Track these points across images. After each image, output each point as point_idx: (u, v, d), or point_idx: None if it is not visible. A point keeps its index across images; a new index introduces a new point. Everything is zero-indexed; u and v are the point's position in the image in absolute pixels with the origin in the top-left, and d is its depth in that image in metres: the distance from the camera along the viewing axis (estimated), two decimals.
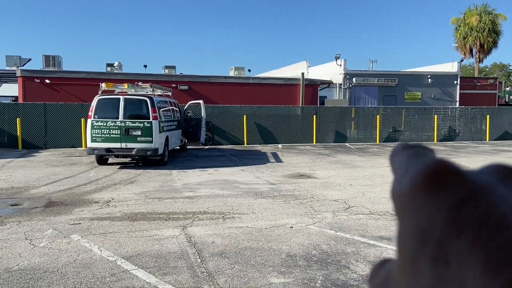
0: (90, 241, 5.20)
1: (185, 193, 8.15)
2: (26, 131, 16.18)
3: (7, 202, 7.35)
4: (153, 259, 4.59)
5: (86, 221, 6.12)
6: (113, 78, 18.22)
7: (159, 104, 11.90)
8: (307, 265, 4.43)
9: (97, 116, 11.06)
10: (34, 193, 8.11)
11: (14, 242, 5.14)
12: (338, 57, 24.78)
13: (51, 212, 6.62)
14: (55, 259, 4.59)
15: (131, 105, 11.37)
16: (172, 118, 13.33)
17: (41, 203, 7.28)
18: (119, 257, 4.63)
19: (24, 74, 18.71)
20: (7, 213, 6.66)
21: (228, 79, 22.39)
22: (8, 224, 5.97)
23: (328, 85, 24.54)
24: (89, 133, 11.09)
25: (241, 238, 5.34)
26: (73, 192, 8.15)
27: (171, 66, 26.98)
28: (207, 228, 5.78)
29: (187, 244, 5.11)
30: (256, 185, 9.06)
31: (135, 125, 11.15)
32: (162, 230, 5.69)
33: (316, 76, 25.39)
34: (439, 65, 27.96)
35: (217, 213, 6.60)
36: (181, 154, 14.67)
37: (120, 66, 25.87)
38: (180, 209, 6.88)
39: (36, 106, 16.50)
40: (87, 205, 7.13)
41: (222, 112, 18.58)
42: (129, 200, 7.48)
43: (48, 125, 16.47)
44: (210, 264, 4.46)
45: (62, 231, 5.60)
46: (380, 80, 24.81)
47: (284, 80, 22.65)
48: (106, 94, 11.61)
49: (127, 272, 4.23)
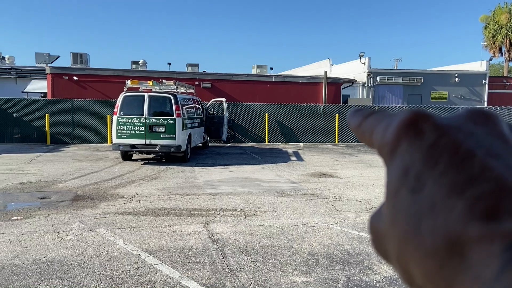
0: (115, 235, 5.32)
1: (207, 190, 8.23)
2: (54, 127, 16.64)
3: (36, 195, 7.59)
4: (176, 254, 4.65)
5: (111, 215, 6.26)
6: (138, 76, 18.53)
7: (182, 101, 12.04)
8: (329, 265, 4.41)
9: (122, 113, 11.27)
10: (62, 187, 8.34)
11: (42, 235, 5.31)
12: (362, 55, 24.46)
13: (78, 206, 6.80)
14: (82, 251, 4.72)
15: (155, 102, 11.54)
16: (195, 116, 13.46)
17: (68, 197, 7.49)
18: (143, 252, 4.72)
19: (53, 71, 19.23)
20: (36, 206, 6.88)
21: (251, 77, 22.42)
22: (36, 216, 6.16)
23: (351, 84, 24.26)
24: (115, 129, 11.32)
25: (262, 236, 5.35)
26: (98, 187, 8.35)
27: (194, 64, 27.24)
28: (228, 225, 5.82)
29: (209, 240, 5.16)
30: (277, 183, 9.06)
31: (159, 122, 11.32)
32: (185, 226, 5.77)
33: (339, 74, 25.13)
34: (467, 64, 27.24)
35: (239, 211, 6.63)
36: (203, 151, 14.80)
37: (145, 63, 26.28)
38: (202, 205, 6.95)
39: (64, 102, 16.95)
40: (112, 199, 7.29)
41: (244, 110, 18.63)
42: (153, 196, 7.60)
43: (75, 121, 16.89)
44: (231, 261, 4.49)
45: (88, 225, 5.74)
46: (405, 79, 24.36)
47: (307, 78, 22.51)
48: (131, 91, 11.81)
49: (150, 267, 4.31)
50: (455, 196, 0.20)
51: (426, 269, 0.20)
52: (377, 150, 0.25)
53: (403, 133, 0.23)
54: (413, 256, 0.21)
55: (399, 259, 0.22)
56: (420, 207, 0.21)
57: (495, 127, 0.23)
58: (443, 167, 0.21)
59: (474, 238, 0.19)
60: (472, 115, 0.24)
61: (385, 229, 0.23)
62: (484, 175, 0.20)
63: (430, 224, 0.20)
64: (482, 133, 0.22)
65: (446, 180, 0.20)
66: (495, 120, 0.24)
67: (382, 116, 0.26)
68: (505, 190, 0.19)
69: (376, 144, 0.25)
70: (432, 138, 0.22)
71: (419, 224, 0.20)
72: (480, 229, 0.19)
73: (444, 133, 0.22)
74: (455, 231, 0.19)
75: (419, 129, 0.23)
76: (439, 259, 0.20)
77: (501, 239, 0.18)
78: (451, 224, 0.19)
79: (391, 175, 0.23)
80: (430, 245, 0.20)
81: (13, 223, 5.82)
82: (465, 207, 0.19)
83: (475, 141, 0.22)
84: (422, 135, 0.22)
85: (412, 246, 0.21)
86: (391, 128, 0.24)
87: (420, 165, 0.22)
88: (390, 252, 0.23)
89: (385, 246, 0.23)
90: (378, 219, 0.24)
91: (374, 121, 0.26)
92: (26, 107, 16.66)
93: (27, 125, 16.58)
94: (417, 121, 0.23)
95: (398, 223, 0.22)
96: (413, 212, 0.21)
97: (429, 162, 0.21)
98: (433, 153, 0.21)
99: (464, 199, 0.20)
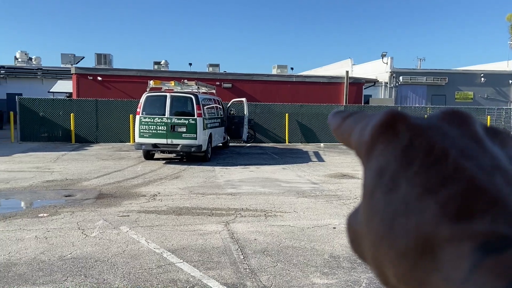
0: (138, 233, 5.40)
1: (228, 189, 8.26)
2: (79, 126, 17.03)
3: (61, 193, 7.78)
4: (197, 253, 4.69)
5: (134, 213, 6.36)
6: (160, 76, 18.77)
7: (203, 101, 12.13)
8: (351, 267, 4.36)
9: (145, 113, 11.44)
10: (86, 185, 8.53)
11: (68, 232, 5.44)
12: (384, 55, 24.13)
13: (102, 204, 6.94)
14: (106, 249, 4.81)
15: (177, 102, 11.67)
16: (215, 116, 13.54)
17: (93, 195, 7.65)
18: (165, 250, 4.78)
19: (78, 72, 19.68)
20: (61, 203, 7.05)
21: (271, 77, 22.41)
22: (62, 214, 6.31)
23: (373, 84, 23.95)
24: (137, 129, 11.50)
25: (283, 237, 5.34)
26: (121, 185, 8.49)
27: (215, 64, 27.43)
28: (249, 225, 5.83)
29: (230, 240, 5.18)
30: (298, 184, 9.02)
31: (181, 121, 11.43)
32: (206, 225, 5.81)
33: (360, 74, 24.85)
34: (493, 64, 26.53)
35: (259, 211, 6.64)
36: (223, 151, 14.87)
37: (166, 64, 26.61)
38: (223, 205, 6.98)
39: (88, 102, 17.33)
40: (135, 198, 7.40)
41: (264, 110, 18.64)
42: (174, 195, 7.69)
43: (99, 121, 17.24)
44: (252, 261, 4.50)
45: (112, 222, 5.85)
46: (429, 79, 23.89)
47: (328, 78, 22.34)
48: (154, 92, 11.98)
49: (172, 265, 4.35)
50: (428, 196, 0.20)
51: (399, 270, 0.20)
52: (355, 151, 0.25)
53: (379, 134, 0.23)
54: (387, 257, 0.20)
55: (374, 260, 0.22)
56: (394, 208, 0.21)
57: (469, 128, 0.23)
58: (417, 168, 0.21)
59: (445, 238, 0.19)
60: (446, 115, 0.24)
61: (361, 230, 0.23)
62: (457, 175, 0.20)
63: (403, 224, 0.20)
64: (456, 134, 0.22)
65: (419, 181, 0.20)
66: (469, 120, 0.23)
67: (360, 117, 0.26)
68: (477, 190, 0.19)
69: (353, 145, 0.25)
70: (407, 138, 0.22)
71: (393, 225, 0.20)
72: (451, 229, 0.19)
73: (418, 134, 0.22)
74: (427, 232, 0.19)
75: (395, 129, 0.23)
76: (411, 259, 0.19)
77: (471, 240, 0.18)
78: (423, 225, 0.19)
79: (367, 176, 0.23)
80: (402, 246, 0.20)
81: (39, 219, 5.98)
82: (437, 208, 0.19)
83: (449, 141, 0.22)
84: (397, 135, 0.22)
85: (386, 247, 0.21)
86: (368, 129, 0.24)
87: (395, 165, 0.22)
88: (366, 252, 0.23)
89: (361, 246, 0.23)
90: (355, 219, 0.24)
91: (352, 122, 0.26)
92: (52, 107, 17.11)
93: (53, 124, 17.03)
94: (393, 121, 0.23)
95: (373, 224, 0.21)
96: (387, 213, 0.21)
97: (404, 163, 0.21)
98: (407, 153, 0.21)
99: (436, 199, 0.20)
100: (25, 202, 7.25)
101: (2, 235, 5.26)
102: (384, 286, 0.22)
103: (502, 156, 0.22)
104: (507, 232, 0.18)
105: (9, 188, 8.11)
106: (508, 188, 0.20)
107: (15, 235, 5.24)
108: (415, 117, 0.23)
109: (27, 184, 8.47)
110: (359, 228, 0.23)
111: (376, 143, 0.23)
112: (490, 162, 0.21)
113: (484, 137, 0.23)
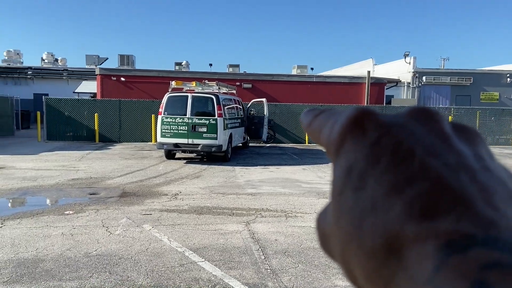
0: (160, 231, 5.48)
1: (248, 189, 8.29)
2: (103, 126, 17.39)
3: (86, 191, 7.97)
4: (219, 253, 4.73)
5: (156, 212, 6.46)
6: (182, 77, 18.98)
7: (224, 101, 12.20)
8: None
9: (166, 113, 11.60)
10: (110, 183, 8.70)
11: (93, 229, 5.57)
12: (407, 54, 23.75)
13: (125, 202, 7.07)
14: (129, 246, 4.90)
15: (198, 102, 11.78)
16: (236, 116, 13.60)
17: (116, 193, 7.80)
18: (187, 249, 4.83)
19: (102, 72, 20.10)
20: (86, 201, 7.22)
21: (291, 77, 22.35)
22: (87, 211, 6.47)
23: (395, 84, 23.59)
24: (159, 129, 11.67)
25: (304, 238, 5.33)
26: (144, 184, 8.63)
27: (235, 64, 27.55)
28: (270, 226, 5.84)
29: (250, 240, 5.21)
30: (318, 184, 8.98)
31: (201, 122, 11.54)
32: (227, 224, 5.85)
33: (382, 74, 24.52)
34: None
35: (280, 211, 6.64)
36: (243, 151, 14.92)
37: (187, 65, 26.88)
38: (243, 205, 7.01)
39: (112, 102, 17.67)
40: (157, 197, 7.52)
41: (284, 111, 18.61)
42: (195, 194, 7.77)
43: (122, 120, 17.56)
44: (273, 261, 4.51)
45: (135, 221, 5.96)
46: (453, 79, 23.38)
47: (349, 78, 22.14)
48: (175, 92, 12.12)
49: (194, 264, 4.41)
50: (394, 195, 0.20)
51: (366, 269, 0.20)
52: (325, 149, 0.25)
53: (347, 131, 0.23)
54: (355, 256, 0.20)
55: (343, 258, 0.21)
56: (362, 206, 0.20)
57: (436, 125, 0.23)
58: (384, 166, 0.21)
59: (411, 237, 0.19)
60: (414, 113, 0.23)
61: (330, 229, 0.23)
62: (423, 174, 0.20)
63: (371, 223, 0.20)
64: (423, 132, 0.22)
65: (386, 179, 0.20)
66: (437, 118, 0.23)
67: (330, 114, 0.26)
68: (442, 189, 0.19)
69: (323, 143, 0.25)
70: (375, 136, 0.22)
71: (361, 224, 0.20)
72: (416, 228, 0.19)
73: (386, 132, 0.22)
74: (393, 231, 0.19)
75: (363, 127, 0.22)
76: (378, 259, 0.19)
77: (436, 239, 0.18)
78: (389, 224, 0.19)
79: (336, 174, 0.23)
80: (369, 245, 0.20)
81: (65, 217, 6.14)
82: (403, 206, 0.19)
83: (416, 139, 0.21)
84: (365, 133, 0.22)
85: (354, 246, 0.20)
86: (337, 127, 0.24)
87: (363, 163, 0.21)
88: (335, 251, 0.22)
89: (330, 245, 0.23)
90: (324, 218, 0.24)
91: (323, 120, 0.26)
92: (77, 107, 17.52)
93: (77, 124, 17.44)
94: (361, 119, 0.23)
95: (342, 223, 0.21)
96: (355, 212, 0.21)
97: (372, 161, 0.21)
98: (375, 151, 0.21)
99: (402, 198, 0.19)
100: (51, 200, 7.45)
101: (30, 231, 5.42)
102: (352, 285, 0.22)
103: (468, 154, 0.22)
104: (471, 231, 0.18)
105: (36, 186, 8.35)
106: (473, 186, 0.20)
107: (42, 232, 5.40)
108: (383, 115, 0.24)
109: (53, 182, 8.71)
110: (328, 227, 0.23)
111: (345, 141, 0.23)
112: (456, 160, 0.21)
113: (451, 135, 0.23)
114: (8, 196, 7.56)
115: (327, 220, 0.23)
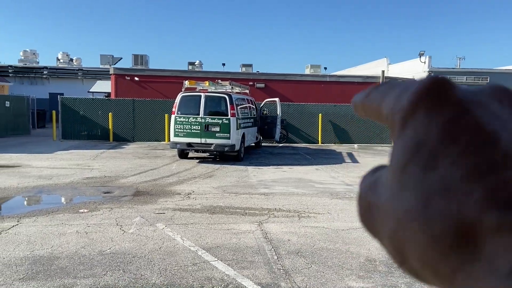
0: (173, 230, 5.50)
1: (261, 189, 8.27)
2: (117, 125, 17.57)
3: (100, 190, 8.04)
4: (231, 252, 4.72)
5: (169, 211, 6.48)
6: (195, 76, 19.05)
7: (237, 101, 12.21)
8: (388, 271, 4.26)
9: (180, 112, 11.65)
10: (124, 182, 8.77)
11: (107, 227, 5.61)
12: (422, 54, 23.45)
13: (139, 201, 7.12)
14: (143, 245, 4.92)
15: (211, 102, 11.81)
16: (248, 116, 13.60)
17: (130, 192, 7.86)
18: (200, 248, 4.84)
19: (116, 72, 20.30)
20: (100, 200, 7.29)
21: (304, 77, 22.26)
22: (101, 210, 6.52)
23: None
24: (173, 128, 11.73)
25: (317, 238, 5.28)
26: (157, 183, 8.68)
27: (248, 64, 27.54)
28: (282, 226, 5.81)
29: (263, 240, 5.18)
30: (331, 185, 8.91)
31: (214, 121, 11.56)
32: (239, 224, 5.84)
33: (397, 74, 24.25)
34: None
35: (292, 211, 6.60)
36: (256, 150, 14.91)
37: (200, 64, 26.99)
38: (256, 205, 6.99)
39: (126, 102, 17.84)
40: (170, 196, 7.55)
41: (297, 110, 18.54)
42: (208, 194, 7.78)
43: (135, 120, 17.72)
44: (286, 261, 4.48)
45: (149, 219, 5.99)
46: (469, 79, 23.00)
47: (363, 78, 21.95)
48: (189, 91, 12.17)
49: (207, 263, 4.40)
50: (474, 180, 0.18)
51: (427, 253, 0.18)
52: (385, 120, 0.23)
53: (420, 101, 0.21)
54: (413, 238, 0.19)
55: (393, 239, 0.20)
56: (432, 186, 0.19)
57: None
58: (463, 148, 0.19)
59: (491, 227, 0.17)
60: (498, 92, 0.21)
61: (381, 203, 0.21)
62: (508, 162, 0.18)
63: (442, 206, 0.18)
64: (508, 115, 0.20)
65: (465, 162, 0.19)
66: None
67: (394, 83, 0.24)
68: None
69: (385, 113, 0.23)
70: (453, 113, 0.20)
71: (428, 205, 0.19)
72: (499, 218, 0.17)
73: (466, 109, 0.20)
74: (470, 218, 0.18)
75: (440, 99, 0.20)
76: (446, 245, 0.18)
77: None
78: (466, 209, 0.18)
79: (399, 147, 0.21)
80: (438, 229, 0.18)
81: (80, 215, 6.21)
82: (483, 194, 0.18)
83: (500, 123, 0.20)
84: (442, 107, 0.20)
85: (415, 226, 0.19)
86: (407, 94, 0.21)
87: (436, 141, 0.20)
88: (382, 228, 0.21)
89: (376, 219, 0.21)
90: (373, 191, 0.22)
91: (385, 89, 0.24)
92: (92, 106, 17.73)
93: (92, 123, 17.65)
94: (438, 90, 0.21)
95: (402, 200, 0.20)
96: (422, 191, 0.19)
97: (447, 140, 0.20)
98: (452, 130, 0.20)
99: (484, 184, 0.18)
100: (66, 198, 7.54)
101: (46, 229, 5.49)
102: (398, 266, 0.20)
103: None
104: None
105: (52, 184, 8.47)
106: None
107: (57, 230, 5.46)
108: (463, 89, 0.21)
109: (68, 181, 8.82)
110: (377, 201, 0.21)
111: (416, 111, 0.21)
112: None
113: None
114: (24, 194, 7.68)
115: (380, 192, 0.21)
